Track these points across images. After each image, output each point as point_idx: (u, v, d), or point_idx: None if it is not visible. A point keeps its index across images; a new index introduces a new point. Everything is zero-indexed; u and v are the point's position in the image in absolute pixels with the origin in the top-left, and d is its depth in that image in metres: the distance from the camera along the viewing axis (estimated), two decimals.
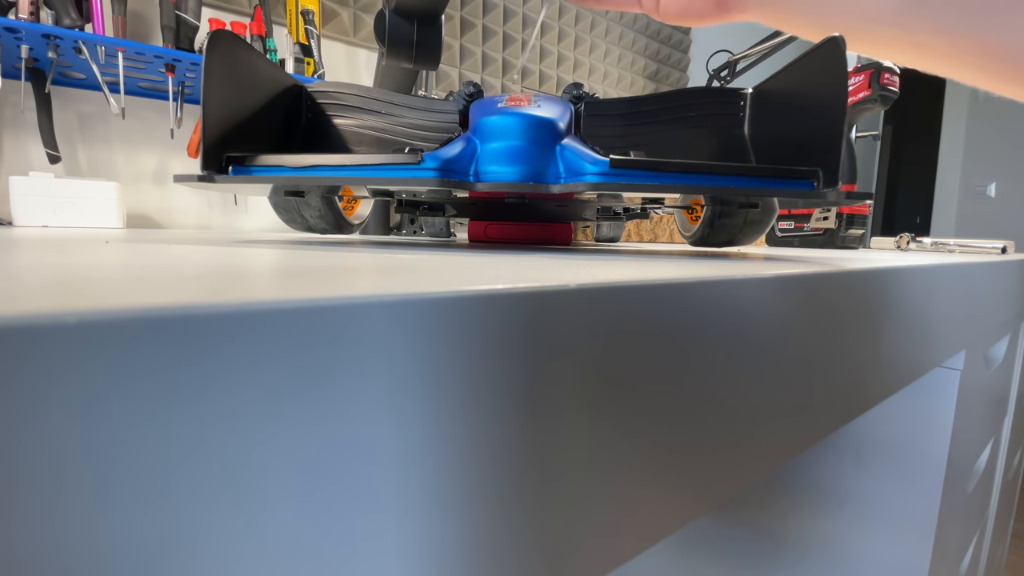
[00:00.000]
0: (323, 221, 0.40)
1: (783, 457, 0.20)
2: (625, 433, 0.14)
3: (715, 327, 0.16)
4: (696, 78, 1.78)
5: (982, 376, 0.55)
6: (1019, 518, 1.55)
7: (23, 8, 0.64)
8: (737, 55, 0.77)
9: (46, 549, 0.06)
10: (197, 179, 0.27)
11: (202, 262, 0.14)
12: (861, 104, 0.76)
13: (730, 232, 0.39)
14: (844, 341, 0.23)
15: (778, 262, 0.24)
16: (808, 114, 0.30)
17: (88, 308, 0.06)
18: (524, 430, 0.11)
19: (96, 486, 0.06)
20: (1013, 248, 0.79)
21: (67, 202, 0.68)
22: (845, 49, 0.26)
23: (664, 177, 0.25)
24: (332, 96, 0.38)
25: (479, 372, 0.10)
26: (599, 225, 0.61)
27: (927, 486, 0.49)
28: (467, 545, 0.11)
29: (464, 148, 0.28)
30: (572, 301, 0.12)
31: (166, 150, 0.89)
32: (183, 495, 0.07)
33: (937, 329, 0.35)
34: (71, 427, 0.06)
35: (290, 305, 0.08)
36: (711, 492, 0.17)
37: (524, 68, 1.32)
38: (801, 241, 0.87)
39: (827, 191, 0.26)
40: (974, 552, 0.67)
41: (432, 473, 0.10)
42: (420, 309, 0.09)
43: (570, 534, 0.13)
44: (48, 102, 0.72)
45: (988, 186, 2.49)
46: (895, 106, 2.82)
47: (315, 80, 0.50)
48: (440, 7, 0.46)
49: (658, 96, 0.39)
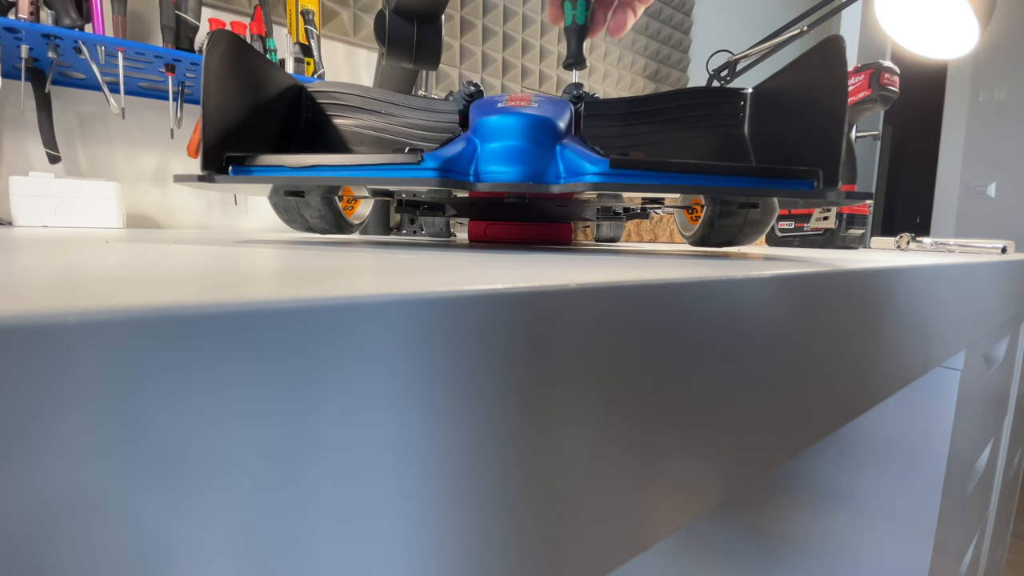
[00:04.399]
0: (323, 221, 0.40)
1: (783, 457, 0.20)
2: (625, 433, 0.14)
3: (715, 327, 0.16)
4: (696, 78, 1.78)
5: (982, 376, 0.55)
6: (1019, 518, 1.55)
7: (23, 8, 0.64)
8: (737, 55, 0.77)
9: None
10: (197, 179, 0.27)
11: (202, 262, 0.14)
12: (861, 104, 0.76)
13: (730, 232, 0.39)
14: (844, 341, 0.23)
15: (778, 262, 0.24)
16: (808, 114, 0.30)
17: (88, 308, 0.06)
18: (524, 430, 0.11)
19: (96, 486, 0.06)
20: (1013, 248, 0.79)
21: (67, 202, 0.68)
22: (845, 49, 0.26)
23: (664, 177, 0.25)
24: (332, 96, 0.38)
25: (479, 372, 0.10)
26: (599, 225, 0.61)
27: (927, 486, 0.49)
28: (468, 545, 0.11)
29: (464, 148, 0.28)
30: (572, 301, 0.12)
31: (166, 150, 0.89)
32: (183, 495, 0.07)
33: (937, 329, 0.35)
34: (71, 427, 0.06)
35: (290, 305, 0.08)
36: (711, 492, 0.17)
37: (524, 68, 1.32)
38: (801, 241, 0.87)
39: (827, 191, 0.26)
40: (974, 552, 0.67)
41: (433, 472, 0.10)
42: (420, 309, 0.09)
43: (570, 534, 0.13)
44: (48, 102, 0.72)
45: (988, 186, 2.49)
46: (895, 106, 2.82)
47: (315, 80, 0.50)
48: (440, 7, 0.46)
49: (658, 96, 0.39)
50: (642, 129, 0.39)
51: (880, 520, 0.52)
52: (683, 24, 1.73)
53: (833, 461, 0.55)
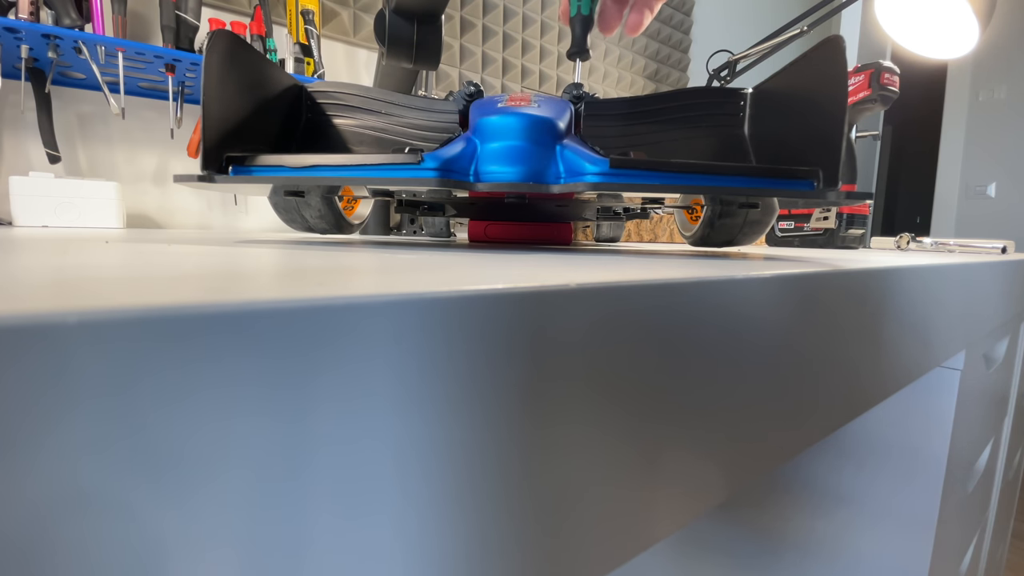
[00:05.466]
0: (323, 221, 0.40)
1: (783, 457, 0.20)
2: (625, 432, 0.14)
3: (715, 327, 0.16)
4: (696, 78, 1.78)
5: (982, 376, 0.55)
6: (1019, 518, 1.55)
7: (23, 8, 0.64)
8: (737, 55, 0.77)
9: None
10: (197, 179, 0.27)
11: (202, 262, 0.14)
12: (861, 104, 0.76)
13: (730, 232, 0.39)
14: (844, 341, 0.23)
15: (778, 262, 0.24)
16: (808, 114, 0.30)
17: (87, 308, 0.06)
18: (525, 429, 0.11)
19: (95, 485, 0.06)
20: (1013, 248, 0.79)
21: (67, 202, 0.68)
22: (845, 49, 0.26)
23: (664, 177, 0.25)
24: (332, 96, 0.38)
25: (480, 371, 0.10)
26: (599, 225, 0.61)
27: (927, 486, 0.49)
28: (468, 544, 0.11)
29: (464, 148, 0.28)
30: (572, 301, 0.12)
31: (166, 150, 0.89)
32: (181, 494, 0.07)
33: (937, 329, 0.35)
34: (70, 426, 0.06)
35: (290, 305, 0.08)
36: (711, 492, 0.17)
37: (524, 68, 1.32)
38: (801, 241, 0.87)
39: (827, 191, 0.26)
40: (974, 552, 0.67)
41: (433, 471, 0.10)
42: (420, 309, 0.09)
43: (570, 534, 0.13)
44: (48, 102, 0.72)
45: (988, 186, 2.49)
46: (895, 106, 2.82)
47: (315, 80, 0.50)
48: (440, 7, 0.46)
49: (658, 96, 0.39)
50: (642, 129, 0.39)
51: (880, 520, 0.52)
52: (683, 24, 1.73)
53: (833, 461, 0.55)
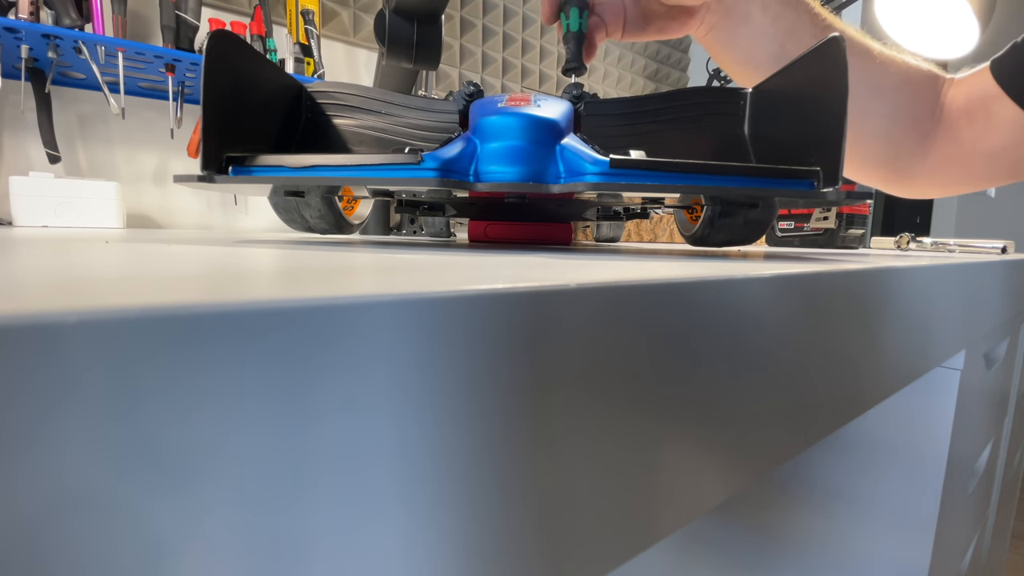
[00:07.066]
0: (323, 221, 0.40)
1: (783, 457, 0.20)
2: (625, 433, 0.14)
3: (714, 327, 0.16)
4: (696, 78, 1.78)
5: (982, 376, 0.55)
6: (1019, 518, 1.55)
7: (23, 8, 0.64)
8: None
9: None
10: (197, 179, 0.27)
11: (202, 262, 0.14)
12: None
13: (730, 232, 0.39)
14: (843, 341, 0.23)
15: (778, 262, 0.24)
16: (808, 114, 0.30)
17: (87, 308, 0.06)
18: (525, 429, 0.11)
19: (95, 486, 0.06)
20: (1013, 248, 0.79)
21: (67, 202, 0.68)
22: (845, 49, 0.26)
23: (664, 177, 0.25)
24: (332, 96, 0.38)
25: (479, 371, 0.10)
26: (599, 225, 0.61)
27: (927, 486, 0.49)
28: (467, 544, 0.11)
29: (464, 148, 0.28)
30: (572, 301, 0.12)
31: (166, 150, 0.89)
32: (181, 494, 0.07)
33: (937, 329, 0.35)
34: (72, 426, 0.06)
35: (290, 305, 0.08)
36: (711, 492, 0.17)
37: (524, 68, 1.32)
38: (801, 241, 0.87)
39: (827, 191, 0.26)
40: (974, 552, 0.67)
41: (432, 473, 0.10)
42: (420, 309, 0.09)
43: (570, 534, 0.13)
44: (48, 102, 0.72)
45: None
46: None
47: (315, 80, 0.50)
48: (440, 7, 0.46)
49: (658, 96, 0.38)
50: (642, 129, 0.39)
51: (880, 520, 0.52)
52: None
53: (833, 461, 0.55)
